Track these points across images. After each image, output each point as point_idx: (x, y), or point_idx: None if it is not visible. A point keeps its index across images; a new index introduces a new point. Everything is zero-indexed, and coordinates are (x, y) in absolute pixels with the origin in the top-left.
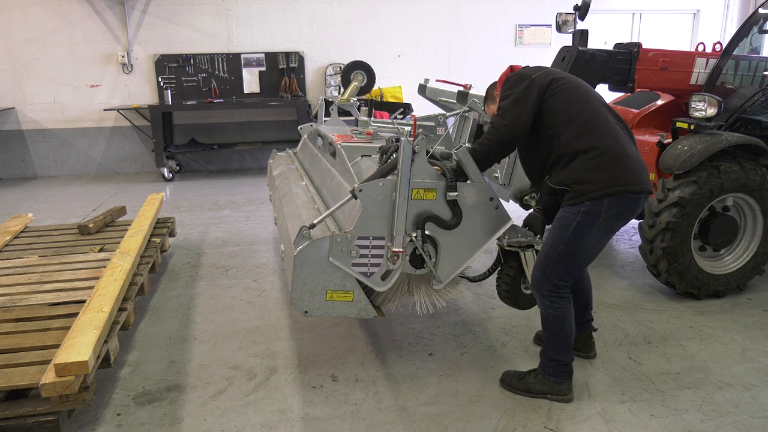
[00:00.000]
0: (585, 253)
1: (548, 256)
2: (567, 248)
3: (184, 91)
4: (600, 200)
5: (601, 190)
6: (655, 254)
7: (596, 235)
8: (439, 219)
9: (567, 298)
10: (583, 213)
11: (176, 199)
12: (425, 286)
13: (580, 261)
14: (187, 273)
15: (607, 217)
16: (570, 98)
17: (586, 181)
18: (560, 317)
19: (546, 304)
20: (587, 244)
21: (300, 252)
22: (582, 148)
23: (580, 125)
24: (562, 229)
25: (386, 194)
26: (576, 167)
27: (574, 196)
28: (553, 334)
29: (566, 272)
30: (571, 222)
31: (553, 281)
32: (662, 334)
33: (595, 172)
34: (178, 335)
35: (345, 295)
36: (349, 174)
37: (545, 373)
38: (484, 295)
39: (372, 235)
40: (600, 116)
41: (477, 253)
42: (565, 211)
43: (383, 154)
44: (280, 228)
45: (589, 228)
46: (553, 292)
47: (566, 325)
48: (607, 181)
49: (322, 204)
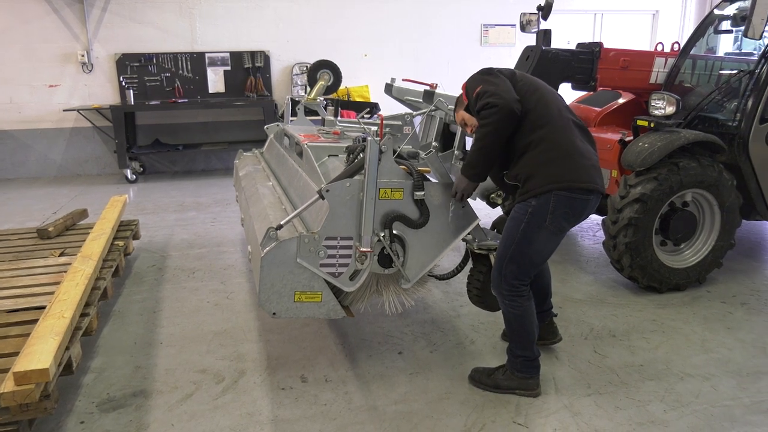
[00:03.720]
0: (536, 253)
1: (503, 256)
2: (518, 248)
3: (146, 91)
4: (546, 197)
5: (547, 185)
6: (619, 249)
7: (545, 236)
8: (406, 218)
9: (525, 297)
10: (531, 213)
11: (140, 201)
12: (394, 286)
13: (532, 261)
14: (152, 276)
15: (554, 218)
16: (529, 91)
17: (534, 175)
18: (520, 315)
19: (505, 303)
20: (537, 244)
21: (267, 253)
22: (534, 140)
23: (536, 118)
24: (513, 229)
25: (353, 194)
26: (526, 160)
27: (523, 192)
28: (515, 332)
29: (521, 272)
30: (521, 222)
31: (509, 281)
32: (626, 328)
33: (543, 165)
34: (144, 340)
35: (313, 295)
36: (316, 174)
37: (513, 369)
38: (453, 292)
39: (340, 236)
40: (555, 111)
41: (445, 251)
42: (515, 210)
43: (350, 153)
44: (247, 229)
45: (537, 229)
46: (511, 292)
47: (527, 323)
48: (553, 176)
49: (290, 204)
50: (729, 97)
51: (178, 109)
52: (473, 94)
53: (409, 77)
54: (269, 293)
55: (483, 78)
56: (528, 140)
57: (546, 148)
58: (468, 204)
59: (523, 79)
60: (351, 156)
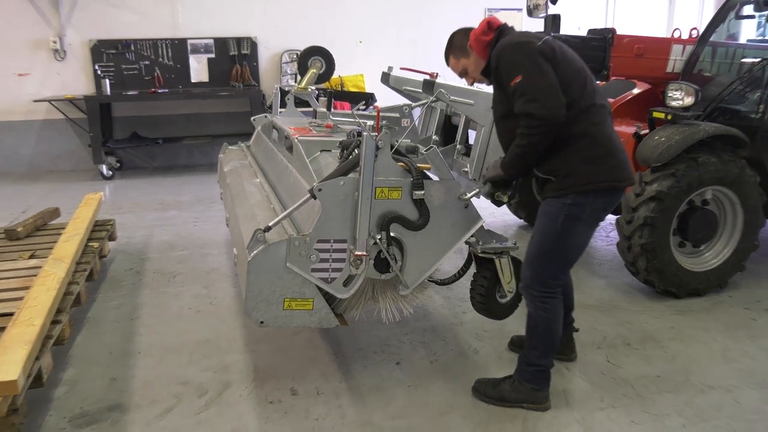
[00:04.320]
0: (575, 246)
1: (538, 254)
2: (557, 244)
3: (124, 80)
4: (586, 195)
5: (590, 184)
6: (634, 251)
7: (583, 229)
8: (405, 219)
9: (558, 298)
10: (569, 205)
11: (117, 200)
12: (391, 292)
13: (570, 256)
14: (129, 280)
15: (593, 211)
16: (572, 76)
17: (574, 173)
18: (550, 318)
19: (536, 304)
20: (576, 237)
21: (254, 257)
22: (575, 134)
23: (578, 111)
24: (549, 224)
25: (348, 193)
26: (566, 156)
27: (560, 188)
28: (540, 337)
29: (558, 269)
30: (558, 215)
31: (545, 280)
32: (642, 336)
33: (584, 163)
34: (120, 349)
35: (304, 303)
36: (307, 171)
37: (522, 380)
38: (455, 298)
39: (333, 238)
40: (597, 101)
41: (446, 255)
42: (549, 205)
43: (344, 149)
44: (232, 230)
45: (576, 221)
46: (544, 292)
47: (555, 327)
48: (596, 175)
49: (279, 204)
50: (752, 87)
51: (158, 99)
52: (510, 78)
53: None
54: (256, 300)
55: (523, 62)
56: (568, 133)
57: (587, 145)
58: (471, 204)
59: (563, 57)
60: (345, 152)
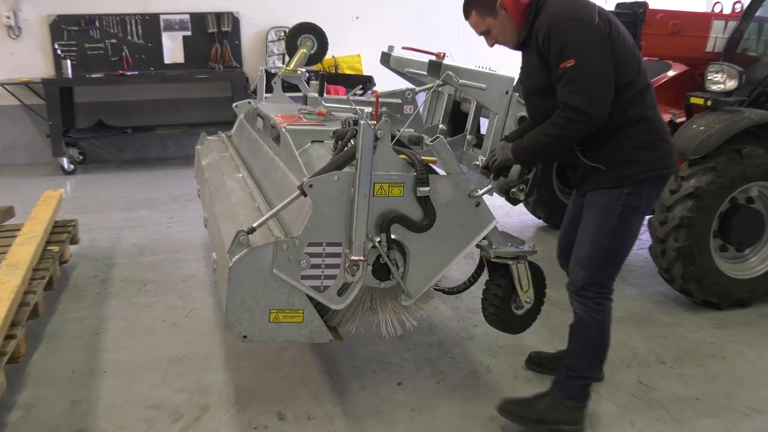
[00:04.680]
0: (630, 241)
1: (593, 252)
2: (614, 239)
3: (87, 61)
4: (641, 184)
5: (648, 172)
6: (668, 256)
7: (638, 219)
8: (407, 220)
9: (611, 299)
10: (627, 196)
11: (80, 197)
12: (392, 302)
13: (626, 250)
14: (94, 289)
15: (648, 199)
16: (627, 56)
17: (632, 161)
18: (604, 322)
19: (590, 307)
20: (632, 229)
21: (236, 263)
22: (631, 118)
23: (634, 93)
24: (605, 218)
25: (343, 190)
26: (621, 142)
27: (615, 178)
28: (591, 345)
29: (615, 266)
30: (614, 208)
31: (601, 280)
32: (678, 353)
33: (642, 150)
34: (84, 368)
35: (293, 314)
36: (296, 164)
37: (564, 397)
38: (464, 309)
39: (326, 241)
40: (648, 79)
41: (454, 260)
42: (600, 196)
43: (338, 139)
44: (211, 232)
45: (634, 212)
46: (600, 293)
47: (608, 332)
48: (654, 162)
49: (264, 202)
50: None
51: (126, 83)
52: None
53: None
54: (239, 311)
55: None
56: (623, 118)
57: (644, 130)
58: (483, 202)
59: (618, 33)
60: (339, 142)
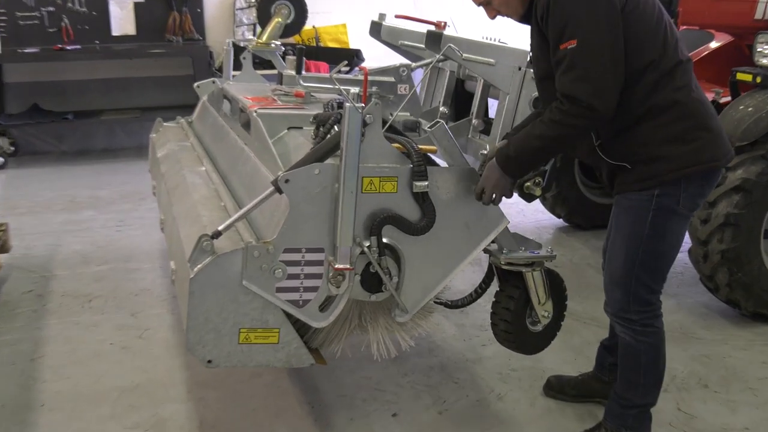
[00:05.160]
0: (672, 247)
1: (627, 266)
2: (650, 247)
3: (19, 32)
4: (677, 183)
5: (681, 169)
6: (712, 261)
7: (678, 221)
8: (402, 220)
9: (660, 316)
10: (658, 197)
11: (11, 196)
12: (385, 318)
13: (668, 260)
14: (29, 307)
15: (688, 198)
16: (649, 26)
17: (661, 156)
18: (656, 345)
19: (636, 330)
20: (672, 235)
21: (199, 273)
22: (660, 104)
23: (661, 71)
24: (636, 224)
25: (325, 185)
26: (648, 134)
27: (642, 178)
28: (645, 370)
29: (657, 279)
30: (645, 212)
31: (643, 296)
32: (723, 375)
33: (675, 142)
34: (16, 401)
35: (267, 334)
36: (270, 155)
37: (622, 427)
38: (471, 326)
39: (305, 246)
40: (680, 54)
41: (458, 268)
42: (628, 199)
43: (320, 126)
44: (169, 237)
45: (670, 215)
46: (645, 312)
47: (662, 354)
48: (690, 156)
49: (232, 200)
50: None
51: (66, 60)
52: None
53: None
54: (202, 331)
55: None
56: (648, 105)
57: (675, 117)
58: None
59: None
60: (321, 129)
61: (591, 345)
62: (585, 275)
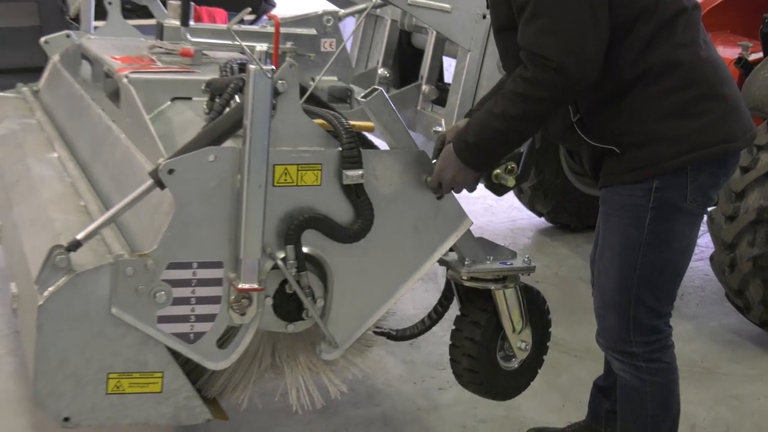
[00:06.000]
0: (679, 256)
1: (625, 285)
2: (650, 258)
3: None
4: (681, 170)
5: (688, 153)
6: (740, 270)
7: (686, 221)
8: (328, 223)
9: (671, 346)
10: (659, 191)
11: None
12: (307, 356)
13: (675, 272)
14: None
15: (696, 189)
16: None
17: (658, 137)
18: (665, 385)
19: (639, 367)
20: (680, 239)
21: (52, 299)
22: (657, 65)
23: (657, 23)
24: (631, 228)
25: (223, 177)
26: (640, 107)
27: (635, 166)
28: (653, 419)
29: (661, 299)
30: (643, 211)
31: (645, 323)
32: (758, 420)
33: (678, 118)
34: None
35: (147, 380)
36: (147, 136)
37: None
38: (424, 363)
39: (197, 260)
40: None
41: (405, 285)
42: (618, 195)
43: (215, 96)
44: (8, 250)
45: (674, 213)
46: (649, 343)
47: (675, 397)
48: (697, 135)
49: (95, 198)
50: None
51: None
52: None
53: None
54: (57, 378)
55: None
56: (644, 66)
57: (680, 82)
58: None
59: None
60: (217, 101)
61: (583, 386)
62: (575, 292)
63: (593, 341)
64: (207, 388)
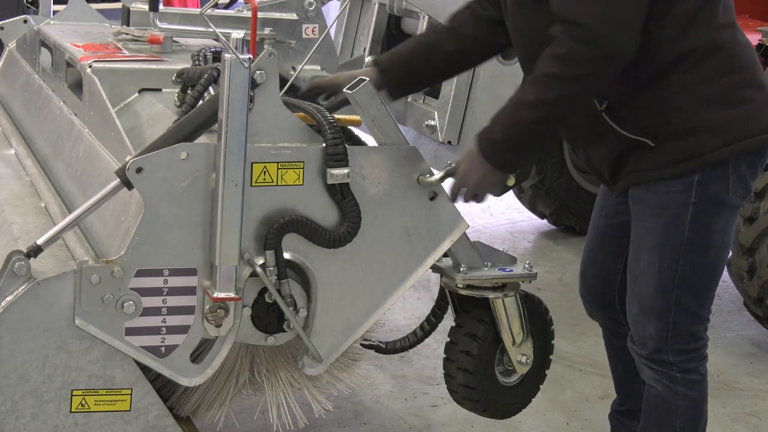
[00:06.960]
0: (719, 256)
1: (666, 290)
2: (692, 258)
3: None
4: (724, 162)
5: (731, 144)
6: (761, 277)
7: (728, 216)
8: (312, 226)
9: (706, 358)
10: (701, 185)
11: None
12: (289, 371)
13: (717, 271)
14: None
15: (738, 179)
16: None
17: (700, 127)
18: (698, 400)
19: (673, 378)
20: (722, 235)
21: (9, 309)
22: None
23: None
24: (671, 228)
25: (196, 176)
26: (680, 94)
27: (675, 160)
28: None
29: (703, 302)
30: (684, 208)
31: (686, 328)
32: None
33: (719, 106)
34: None
35: (114, 398)
36: (114, 132)
37: None
38: (416, 378)
39: (169, 267)
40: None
41: (395, 294)
42: (655, 192)
43: (187, 87)
44: None
45: (719, 207)
46: (688, 352)
47: (704, 414)
48: (739, 124)
49: (57, 199)
50: None
51: None
52: None
53: None
54: (15, 396)
55: None
56: (684, 47)
57: (721, 67)
58: (443, 192)
59: None
60: (189, 93)
61: (589, 402)
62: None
63: (599, 354)
64: (180, 406)
